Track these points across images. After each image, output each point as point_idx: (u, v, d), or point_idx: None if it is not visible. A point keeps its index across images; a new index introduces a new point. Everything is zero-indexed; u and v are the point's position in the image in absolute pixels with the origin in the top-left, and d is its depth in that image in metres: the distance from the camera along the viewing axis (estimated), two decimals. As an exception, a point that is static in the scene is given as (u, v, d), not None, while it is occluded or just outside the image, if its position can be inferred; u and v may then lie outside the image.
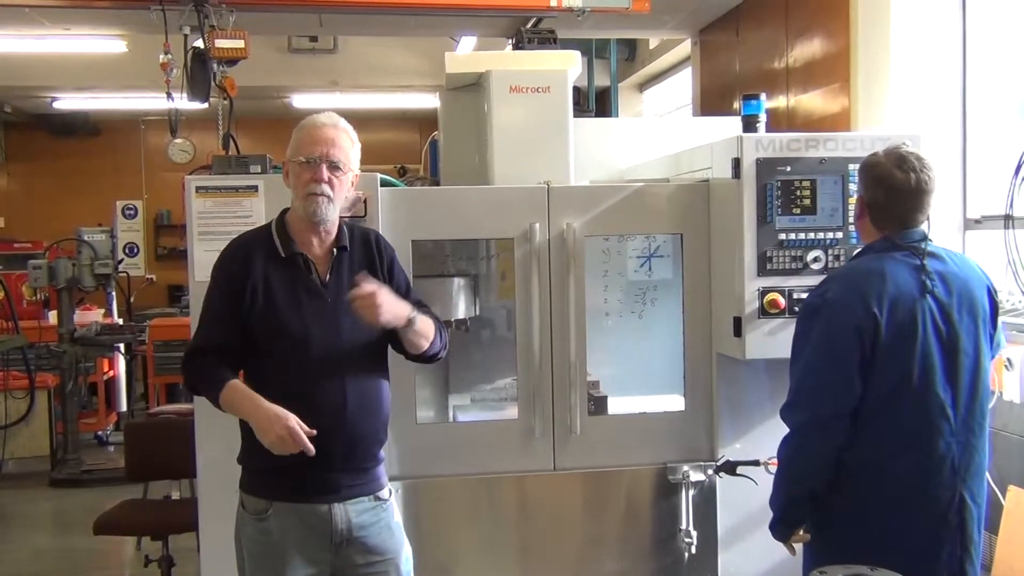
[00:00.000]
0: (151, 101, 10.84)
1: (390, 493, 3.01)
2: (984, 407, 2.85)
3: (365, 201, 3.47)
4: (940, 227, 4.85)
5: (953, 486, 2.77)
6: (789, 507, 2.88)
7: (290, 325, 2.82)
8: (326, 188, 2.83)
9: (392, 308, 2.78)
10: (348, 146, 2.90)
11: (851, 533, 2.80)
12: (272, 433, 2.71)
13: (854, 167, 3.46)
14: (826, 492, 2.81)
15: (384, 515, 2.96)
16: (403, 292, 3.02)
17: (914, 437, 2.76)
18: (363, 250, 2.99)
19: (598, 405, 3.79)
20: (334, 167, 2.84)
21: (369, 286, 2.75)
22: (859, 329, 2.71)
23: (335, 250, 2.92)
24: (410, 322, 2.86)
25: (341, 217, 2.98)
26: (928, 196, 2.81)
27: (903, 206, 2.81)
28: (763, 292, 3.39)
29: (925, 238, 2.85)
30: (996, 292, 2.96)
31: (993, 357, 2.93)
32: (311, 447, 2.70)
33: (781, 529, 2.92)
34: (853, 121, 5.40)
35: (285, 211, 2.98)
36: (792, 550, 2.98)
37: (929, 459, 2.76)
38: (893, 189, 2.79)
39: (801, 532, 2.91)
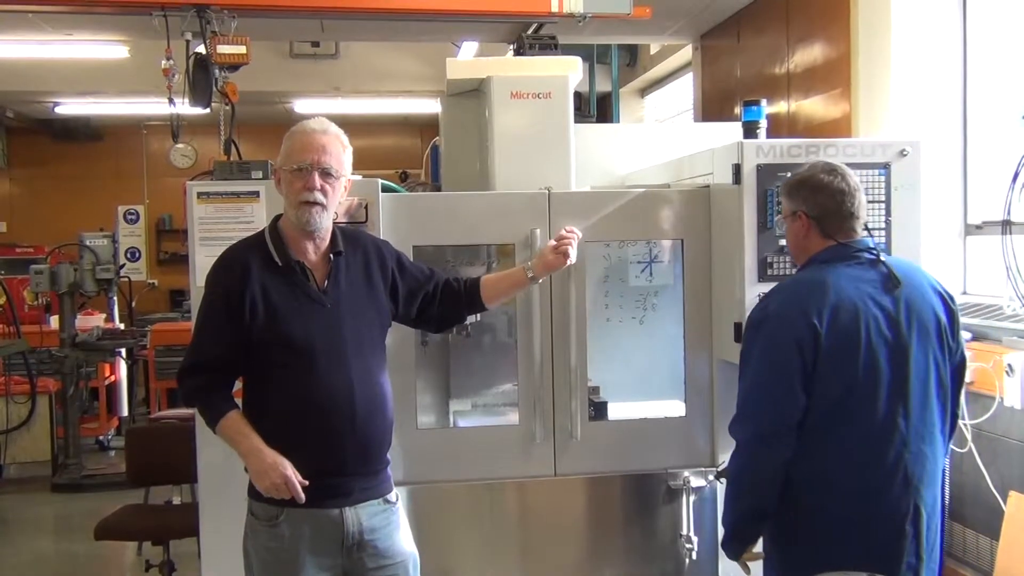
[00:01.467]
0: (153, 106, 10.87)
1: (397, 496, 3.02)
2: (933, 418, 2.79)
3: (366, 206, 3.47)
4: (940, 233, 4.88)
5: (908, 496, 2.73)
6: (738, 524, 2.86)
7: (293, 336, 2.81)
8: (319, 196, 2.81)
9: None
10: (340, 152, 2.89)
11: (808, 549, 2.77)
12: (268, 480, 2.74)
13: (855, 173, 3.46)
14: (780, 508, 2.78)
15: (393, 518, 2.97)
16: (427, 274, 3.12)
17: (863, 449, 2.72)
18: (359, 253, 3.00)
19: (598, 410, 3.79)
20: (326, 174, 2.83)
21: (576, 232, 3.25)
22: (799, 341, 2.68)
23: (331, 256, 2.92)
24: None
25: (334, 223, 2.97)
26: (861, 195, 2.84)
27: (848, 207, 2.81)
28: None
29: (870, 248, 2.84)
30: (953, 300, 2.91)
31: (954, 365, 2.87)
32: (303, 496, 2.74)
33: (733, 547, 2.89)
34: (854, 127, 5.41)
35: (277, 218, 2.97)
36: (746, 568, 2.95)
37: (880, 470, 2.72)
38: (836, 192, 2.81)
39: (754, 551, 2.88)
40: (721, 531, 2.95)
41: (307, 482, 2.75)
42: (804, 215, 2.85)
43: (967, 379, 4.15)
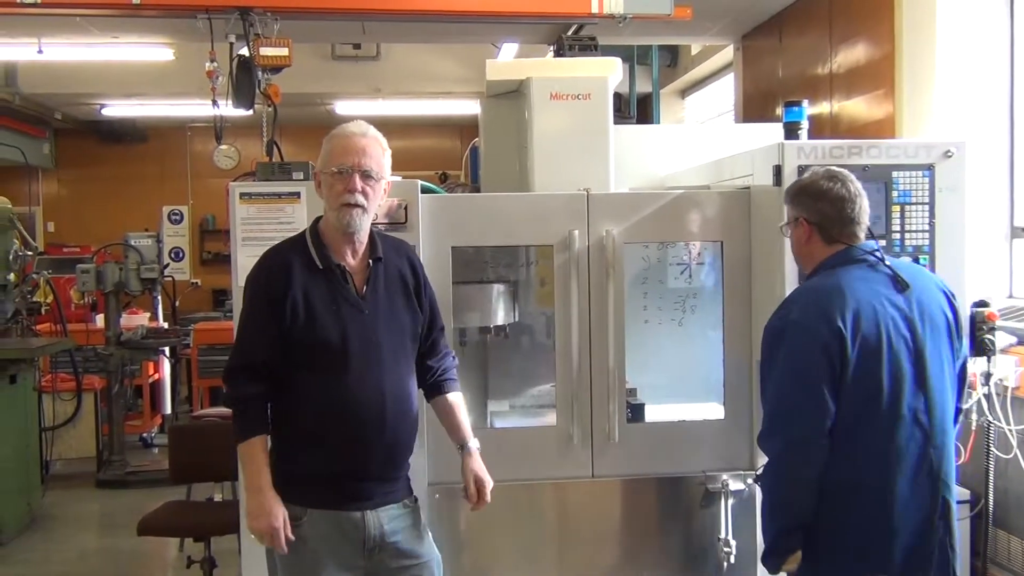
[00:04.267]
0: (197, 108, 11.02)
1: (416, 499, 3.03)
2: (950, 413, 2.85)
3: (406, 208, 3.49)
4: (986, 235, 4.81)
5: (937, 492, 2.78)
6: (780, 538, 2.84)
7: (330, 339, 2.82)
8: (360, 198, 2.82)
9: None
10: (380, 154, 2.90)
11: (843, 552, 2.78)
12: (259, 523, 2.78)
13: (898, 174, 3.44)
14: (813, 514, 2.78)
15: (414, 519, 2.99)
16: (431, 313, 3.07)
17: (894, 450, 2.74)
18: (397, 262, 3.00)
19: (635, 412, 3.78)
20: (367, 176, 2.84)
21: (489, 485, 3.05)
22: (826, 347, 2.70)
23: (370, 261, 2.93)
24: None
25: (373, 225, 2.98)
26: (864, 199, 2.89)
27: (849, 212, 2.86)
28: (804, 300, 3.37)
29: (874, 251, 2.88)
30: (955, 299, 2.95)
31: (960, 366, 2.92)
32: (285, 550, 2.79)
33: (774, 561, 2.89)
34: (897, 128, 5.35)
35: (317, 220, 2.98)
36: None
37: (910, 469, 2.75)
38: (836, 199, 2.85)
39: (792, 559, 2.87)
40: (760, 542, 2.95)
41: (292, 538, 2.78)
42: (805, 221, 2.91)
43: (1013, 384, 4.12)
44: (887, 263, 2.86)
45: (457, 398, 3.14)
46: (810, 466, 2.73)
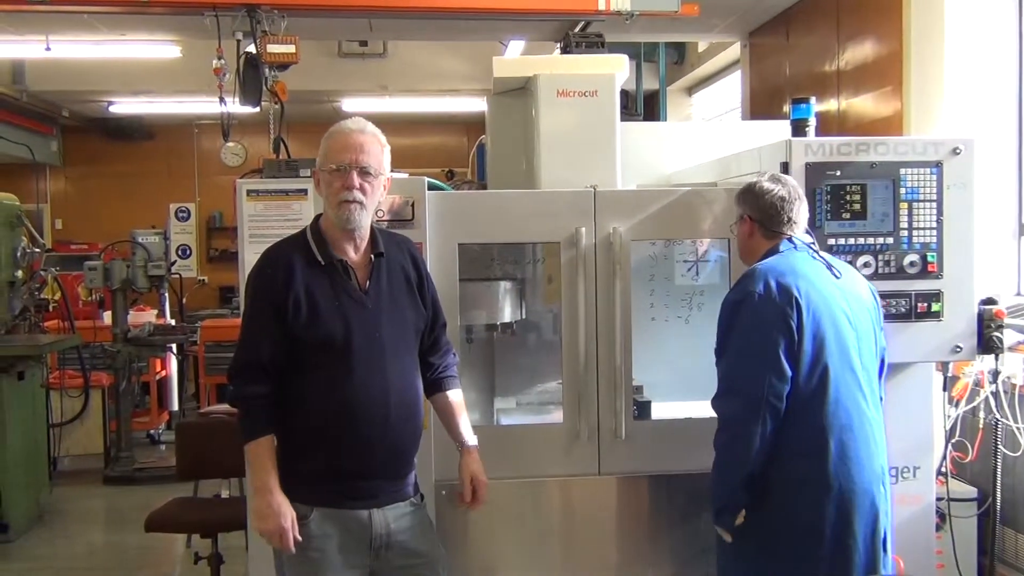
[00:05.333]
0: (204, 105, 10.98)
1: (422, 497, 3.03)
2: (878, 387, 3.11)
3: (413, 205, 3.49)
4: (994, 232, 4.79)
5: (879, 458, 3.01)
6: (733, 494, 3.02)
7: (334, 335, 2.81)
8: (358, 195, 2.81)
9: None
10: (378, 150, 2.88)
11: (798, 515, 2.95)
12: (267, 524, 2.77)
13: (906, 172, 3.44)
14: (767, 475, 2.95)
15: (420, 517, 2.99)
16: (432, 308, 3.06)
17: (846, 417, 2.95)
18: (399, 257, 2.99)
19: (641, 410, 3.78)
20: (365, 172, 2.82)
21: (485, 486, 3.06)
22: (784, 315, 2.93)
23: (372, 256, 2.92)
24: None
25: (377, 222, 2.98)
26: (803, 203, 3.16)
27: (789, 210, 3.11)
28: (811, 298, 3.38)
29: (811, 243, 3.16)
30: (878, 296, 3.23)
31: (880, 356, 3.16)
32: (292, 550, 2.78)
33: (726, 518, 3.06)
34: (905, 125, 5.34)
35: (318, 218, 2.97)
36: (730, 536, 3.10)
37: (861, 437, 2.96)
38: (777, 198, 3.11)
39: (740, 515, 3.04)
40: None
41: (300, 539, 2.78)
42: (749, 218, 3.17)
43: (1021, 381, 4.11)
44: (821, 255, 3.12)
45: (457, 396, 3.14)
46: (765, 428, 2.91)
